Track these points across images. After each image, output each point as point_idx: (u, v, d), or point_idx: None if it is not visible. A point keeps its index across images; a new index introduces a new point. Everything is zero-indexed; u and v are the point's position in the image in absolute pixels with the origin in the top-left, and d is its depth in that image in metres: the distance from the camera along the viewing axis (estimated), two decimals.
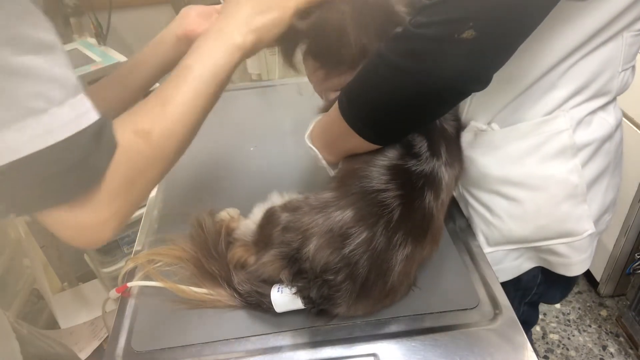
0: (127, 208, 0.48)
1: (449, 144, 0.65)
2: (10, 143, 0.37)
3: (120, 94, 0.70)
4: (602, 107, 0.67)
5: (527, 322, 0.90)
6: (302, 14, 0.62)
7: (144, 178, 0.49)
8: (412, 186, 0.61)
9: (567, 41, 0.60)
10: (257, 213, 0.70)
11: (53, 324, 1.51)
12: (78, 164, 0.41)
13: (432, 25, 0.50)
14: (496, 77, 0.55)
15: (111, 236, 0.47)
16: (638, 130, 1.43)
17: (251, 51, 0.59)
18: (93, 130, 0.42)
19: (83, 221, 0.44)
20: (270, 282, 0.64)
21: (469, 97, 0.68)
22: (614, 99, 0.69)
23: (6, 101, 0.37)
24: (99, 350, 1.43)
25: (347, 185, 0.62)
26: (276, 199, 0.71)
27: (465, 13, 0.48)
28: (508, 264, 0.77)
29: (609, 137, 0.69)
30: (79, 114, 0.41)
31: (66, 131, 0.40)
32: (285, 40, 0.64)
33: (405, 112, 0.56)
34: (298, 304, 0.62)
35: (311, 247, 0.59)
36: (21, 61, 0.37)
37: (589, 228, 0.69)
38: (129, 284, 0.70)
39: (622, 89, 0.68)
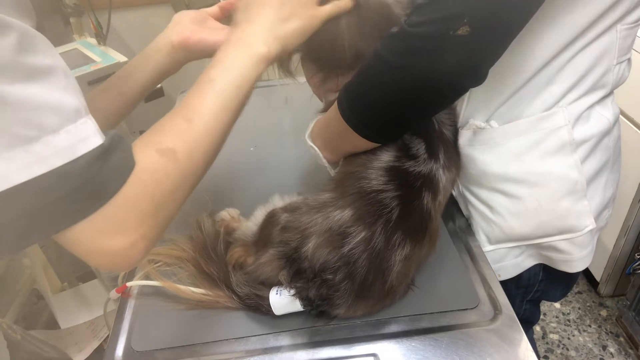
0: (157, 229, 0.46)
1: (447, 148, 0.65)
2: None
3: (116, 101, 0.69)
4: (600, 102, 0.68)
5: (529, 320, 0.90)
6: None
7: (174, 198, 0.47)
8: (411, 187, 0.61)
9: (560, 35, 0.60)
10: (259, 215, 0.71)
11: (53, 324, 1.51)
12: (77, 189, 0.39)
13: (427, 24, 0.50)
14: (493, 73, 0.55)
15: (142, 258, 0.46)
16: (638, 130, 1.43)
17: (275, 60, 0.58)
18: (94, 155, 0.40)
19: (113, 246, 0.43)
20: (269, 284, 0.64)
21: (467, 95, 0.69)
22: (611, 93, 0.70)
23: None
24: (99, 350, 1.42)
25: (346, 186, 0.63)
26: (277, 201, 0.71)
27: (459, 9, 0.48)
28: (509, 262, 0.77)
29: (607, 133, 0.69)
30: (77, 140, 0.40)
31: (60, 159, 0.38)
32: None
33: (403, 110, 0.57)
34: (297, 306, 0.62)
35: (310, 246, 0.59)
36: (11, 90, 0.36)
37: (590, 224, 0.69)
38: (128, 284, 0.70)
39: (618, 83, 0.68)
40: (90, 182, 0.40)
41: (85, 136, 0.40)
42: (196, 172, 0.50)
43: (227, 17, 0.72)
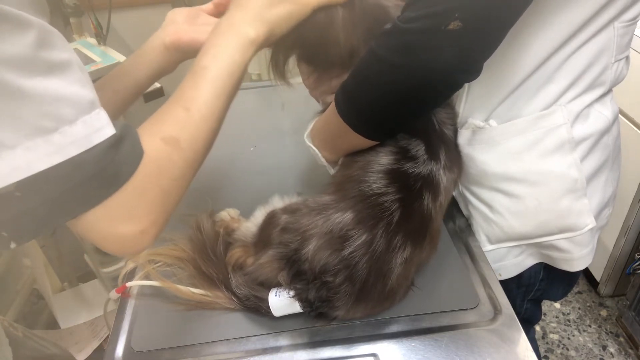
0: (165, 215, 0.49)
1: (449, 148, 0.65)
2: (19, 162, 0.38)
3: (111, 99, 0.69)
4: (599, 100, 0.68)
5: (530, 320, 0.90)
6: None
7: (179, 185, 0.49)
8: (411, 189, 0.61)
9: (556, 33, 0.60)
10: (259, 216, 0.70)
11: (53, 324, 1.51)
12: (93, 176, 0.42)
13: (419, 19, 0.50)
14: (490, 72, 0.55)
15: (152, 242, 0.48)
16: (638, 130, 1.43)
17: (264, 45, 0.58)
18: (108, 144, 0.42)
19: (126, 232, 0.45)
20: (268, 285, 0.64)
21: (465, 94, 0.69)
22: (610, 91, 0.70)
23: (14, 123, 0.37)
24: (99, 350, 1.43)
25: (346, 189, 0.63)
26: (277, 202, 0.71)
27: (450, 4, 0.49)
28: (510, 261, 0.77)
29: (606, 131, 0.69)
30: (93, 130, 0.42)
31: (77, 148, 0.40)
32: (277, 47, 0.64)
33: (399, 106, 0.57)
34: (296, 307, 0.62)
35: (310, 247, 0.59)
36: (31, 84, 0.38)
37: (590, 222, 0.69)
38: (128, 284, 0.70)
39: (617, 80, 0.68)
40: (104, 170, 0.42)
41: (99, 126, 0.42)
42: (198, 158, 0.52)
43: (222, 14, 0.72)
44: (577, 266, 0.73)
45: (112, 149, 0.43)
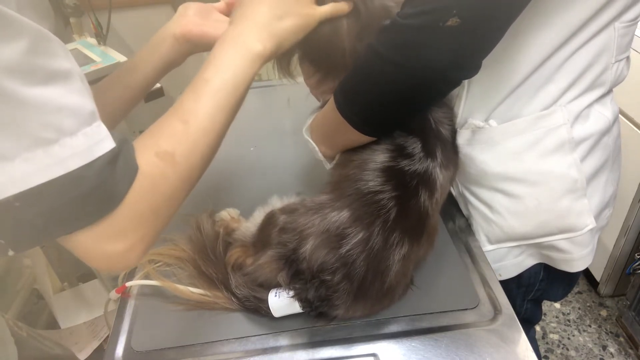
0: (154, 232, 0.47)
1: (445, 146, 0.65)
2: (17, 174, 0.37)
3: (121, 94, 0.69)
4: (599, 100, 0.68)
5: (530, 320, 0.90)
6: None
7: (172, 201, 0.48)
8: (407, 186, 0.61)
9: (556, 33, 0.60)
10: (258, 216, 0.71)
11: (53, 324, 1.51)
12: (92, 191, 0.40)
13: (417, 16, 0.50)
14: (490, 71, 0.54)
15: (140, 259, 0.47)
16: (638, 130, 1.43)
17: (270, 58, 0.57)
18: (107, 158, 0.41)
19: (113, 250, 0.44)
20: (268, 286, 0.64)
21: (464, 94, 0.69)
22: (610, 91, 0.70)
23: (14, 132, 0.36)
24: (99, 350, 1.42)
25: (343, 188, 0.63)
26: (276, 203, 0.71)
27: (448, 1, 0.49)
28: (510, 261, 0.77)
29: (606, 131, 0.69)
30: (93, 143, 0.40)
31: (77, 161, 0.39)
32: None
33: (397, 103, 0.57)
34: (296, 307, 0.62)
35: (308, 247, 0.59)
36: (32, 93, 0.37)
37: (590, 223, 0.69)
38: (128, 284, 0.70)
39: (617, 81, 0.68)
40: (103, 185, 0.41)
41: (99, 139, 0.41)
42: (194, 174, 0.50)
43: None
44: (577, 267, 0.73)
45: (110, 163, 0.41)
